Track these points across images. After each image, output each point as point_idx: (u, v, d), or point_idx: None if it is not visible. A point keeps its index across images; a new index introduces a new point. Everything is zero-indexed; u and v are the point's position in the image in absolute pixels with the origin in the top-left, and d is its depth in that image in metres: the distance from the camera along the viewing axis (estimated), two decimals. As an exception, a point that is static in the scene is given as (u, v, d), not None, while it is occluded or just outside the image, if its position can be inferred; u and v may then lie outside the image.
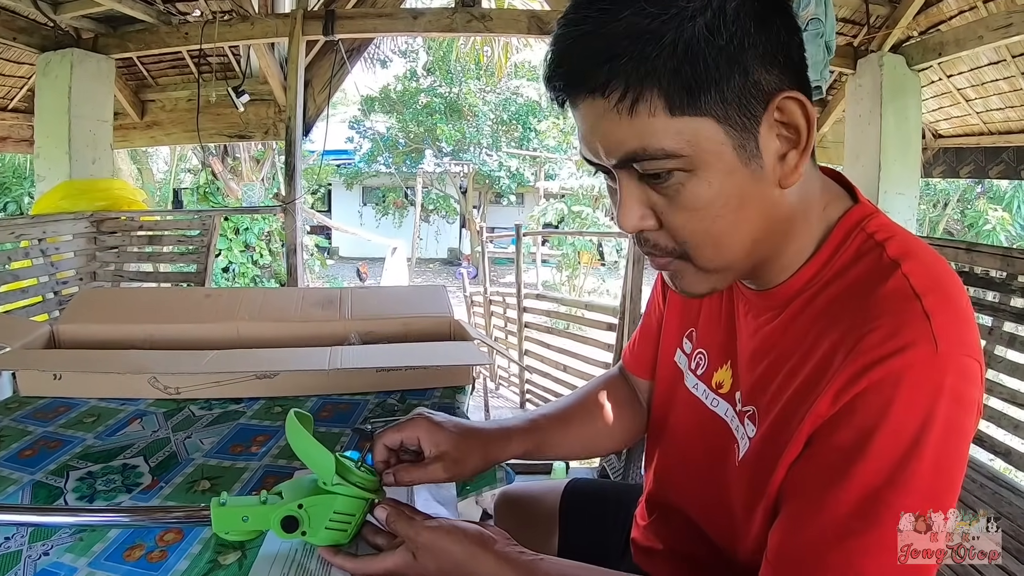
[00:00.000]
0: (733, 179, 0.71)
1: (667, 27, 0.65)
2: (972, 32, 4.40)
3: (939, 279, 0.70)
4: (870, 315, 0.69)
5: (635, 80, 0.66)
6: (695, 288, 0.81)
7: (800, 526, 0.71)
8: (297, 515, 0.84)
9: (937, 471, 0.65)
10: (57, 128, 4.92)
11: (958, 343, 0.65)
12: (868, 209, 0.80)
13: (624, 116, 0.68)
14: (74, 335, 1.74)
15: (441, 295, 1.96)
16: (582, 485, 1.43)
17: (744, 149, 0.70)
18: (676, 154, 0.69)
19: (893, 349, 0.65)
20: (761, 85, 0.68)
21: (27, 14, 4.75)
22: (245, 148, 10.81)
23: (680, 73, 0.65)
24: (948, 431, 0.65)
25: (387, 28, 5.24)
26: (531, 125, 20.89)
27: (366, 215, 23.45)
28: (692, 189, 0.71)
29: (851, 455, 0.67)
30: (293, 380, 1.53)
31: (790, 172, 0.73)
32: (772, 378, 0.80)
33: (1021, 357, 2.76)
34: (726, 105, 0.67)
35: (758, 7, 0.67)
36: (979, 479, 2.47)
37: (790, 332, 0.79)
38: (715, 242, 0.74)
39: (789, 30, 0.71)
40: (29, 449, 1.24)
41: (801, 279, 0.80)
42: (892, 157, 4.98)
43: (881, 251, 0.74)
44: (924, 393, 0.64)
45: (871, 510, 0.65)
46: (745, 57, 0.67)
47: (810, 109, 0.71)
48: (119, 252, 4.42)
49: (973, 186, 14.63)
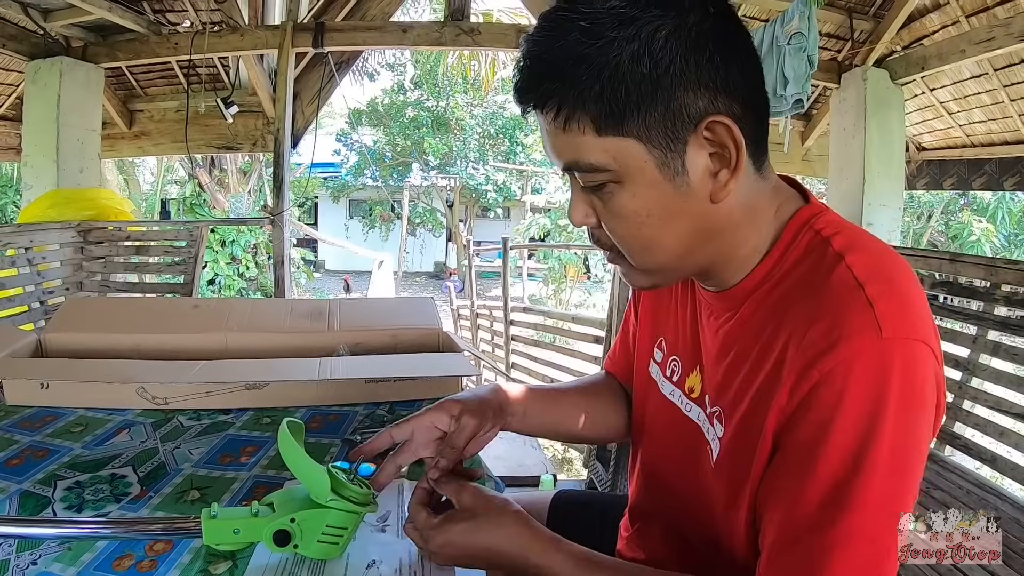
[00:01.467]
0: (656, 192, 0.76)
1: (598, 53, 0.71)
2: (955, 46, 4.46)
3: (882, 267, 0.73)
4: (815, 308, 0.72)
5: (567, 101, 0.74)
6: (637, 282, 0.89)
7: (781, 526, 0.72)
8: (289, 529, 0.84)
9: (896, 453, 0.67)
10: (45, 136, 4.89)
11: (904, 327, 0.68)
12: (817, 208, 0.83)
13: (559, 131, 0.76)
14: (61, 344, 1.73)
15: (429, 307, 1.96)
16: (569, 497, 1.43)
17: (668, 167, 0.75)
18: (603, 168, 0.76)
19: (837, 339, 0.68)
20: (687, 108, 0.73)
21: (17, 21, 4.74)
22: (232, 160, 10.81)
23: (604, 97, 0.72)
24: (903, 413, 0.67)
25: (376, 41, 5.26)
26: (518, 139, 20.99)
27: (353, 228, 23.38)
28: (620, 199, 0.78)
29: (813, 449, 0.69)
30: (282, 391, 1.52)
31: (720, 188, 0.77)
32: (734, 377, 0.83)
33: (1005, 365, 2.80)
34: (649, 128, 0.73)
35: (692, 36, 0.72)
36: (966, 486, 2.49)
37: (747, 329, 0.83)
38: (642, 247, 0.81)
39: (726, 56, 0.74)
40: (16, 458, 1.23)
41: (755, 278, 0.83)
42: (876, 170, 5.02)
43: (827, 246, 0.77)
44: (873, 379, 0.66)
45: (841, 499, 0.67)
46: (670, 83, 0.72)
47: (737, 133, 0.74)
48: (106, 262, 4.40)
49: (957, 198, 14.73)
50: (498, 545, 0.85)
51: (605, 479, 3.41)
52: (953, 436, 2.90)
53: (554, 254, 16.80)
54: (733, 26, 0.76)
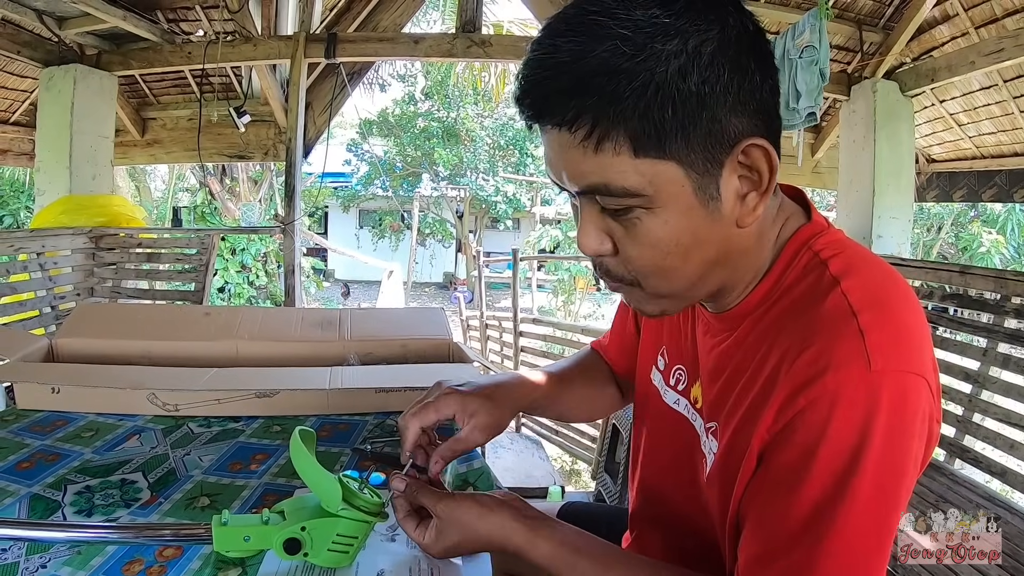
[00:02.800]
0: (690, 219, 0.72)
1: (641, 68, 0.65)
2: (964, 58, 4.46)
3: (878, 296, 0.71)
4: (807, 334, 0.70)
5: (603, 120, 0.67)
6: (646, 309, 0.84)
7: (756, 543, 0.72)
8: (300, 537, 0.84)
9: (879, 487, 0.66)
10: (58, 143, 4.94)
11: (895, 359, 0.66)
12: (819, 227, 0.81)
13: (589, 152, 0.69)
14: (72, 349, 1.74)
15: (440, 317, 1.96)
16: (576, 509, 1.43)
17: (704, 191, 0.71)
18: (637, 193, 0.70)
19: (824, 368, 0.66)
20: (728, 131, 0.69)
21: (32, 28, 4.79)
22: (243, 169, 10.85)
23: (648, 116, 0.66)
24: (888, 447, 0.65)
25: (388, 52, 5.29)
26: (528, 150, 21.00)
27: (362, 238, 23.42)
28: (649, 225, 0.72)
29: (798, 472, 0.68)
30: (292, 399, 1.52)
31: (748, 213, 0.74)
32: (728, 395, 0.82)
33: (1015, 378, 2.78)
34: (690, 150, 0.68)
35: (733, 53, 0.68)
36: (975, 499, 2.47)
37: (742, 350, 0.81)
38: (665, 275, 0.77)
39: (764, 74, 0.71)
40: (26, 461, 1.23)
41: (753, 299, 0.82)
42: (886, 182, 5.02)
43: (824, 269, 0.75)
44: (859, 411, 0.65)
45: (821, 523, 0.66)
46: (715, 102, 0.67)
47: (774, 157, 0.72)
48: (117, 268, 4.42)
49: (967, 210, 14.68)
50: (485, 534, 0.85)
51: (613, 491, 3.39)
52: (963, 449, 2.89)
53: (564, 266, 16.79)
54: (765, 41, 0.73)
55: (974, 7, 4.59)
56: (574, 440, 5.74)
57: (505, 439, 5.75)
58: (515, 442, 5.58)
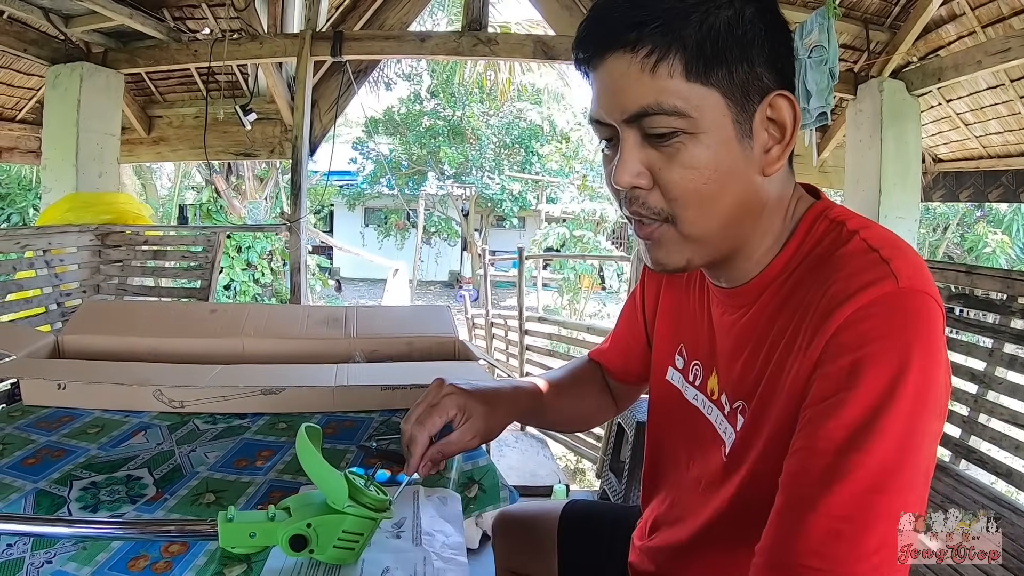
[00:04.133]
0: (727, 149, 0.79)
1: (695, 10, 0.76)
2: (971, 57, 4.44)
3: (894, 239, 0.77)
4: (831, 273, 0.76)
5: (663, 43, 0.76)
6: (671, 258, 0.86)
7: (798, 458, 0.72)
8: (306, 534, 0.84)
9: (919, 397, 0.68)
10: (65, 140, 4.94)
11: (918, 280, 0.71)
12: (829, 203, 0.88)
13: (646, 72, 0.77)
14: (78, 346, 1.74)
15: (445, 315, 1.96)
16: (580, 507, 1.43)
17: (740, 125, 0.80)
18: (685, 114, 0.78)
19: (857, 287, 0.71)
20: (762, 79, 0.80)
21: (39, 26, 4.80)
22: (249, 167, 10.86)
23: (702, 47, 0.76)
24: (926, 357, 0.68)
25: (395, 51, 5.29)
26: (533, 149, 21.01)
27: (368, 236, 23.43)
28: (691, 150, 0.79)
29: (842, 385, 0.70)
30: (298, 397, 1.52)
31: (772, 162, 0.82)
32: (751, 368, 0.85)
33: (1022, 378, 2.77)
34: (732, 84, 0.78)
35: (769, 19, 0.80)
36: (981, 500, 2.46)
37: (762, 321, 0.85)
38: (701, 203, 0.81)
39: (787, 46, 0.83)
40: (32, 457, 1.24)
41: (770, 273, 0.86)
42: (892, 181, 5.01)
43: (842, 226, 0.82)
44: (898, 318, 0.69)
45: (863, 435, 0.67)
46: (753, 52, 0.78)
47: (797, 109, 0.82)
48: (123, 266, 4.43)
49: (973, 210, 14.67)
50: None
51: (618, 490, 3.40)
52: (969, 450, 2.88)
53: (569, 264, 16.79)
54: (787, 25, 0.84)
55: (981, 6, 4.57)
56: (579, 439, 5.74)
57: (510, 438, 5.75)
58: (520, 441, 5.58)
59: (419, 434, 0.99)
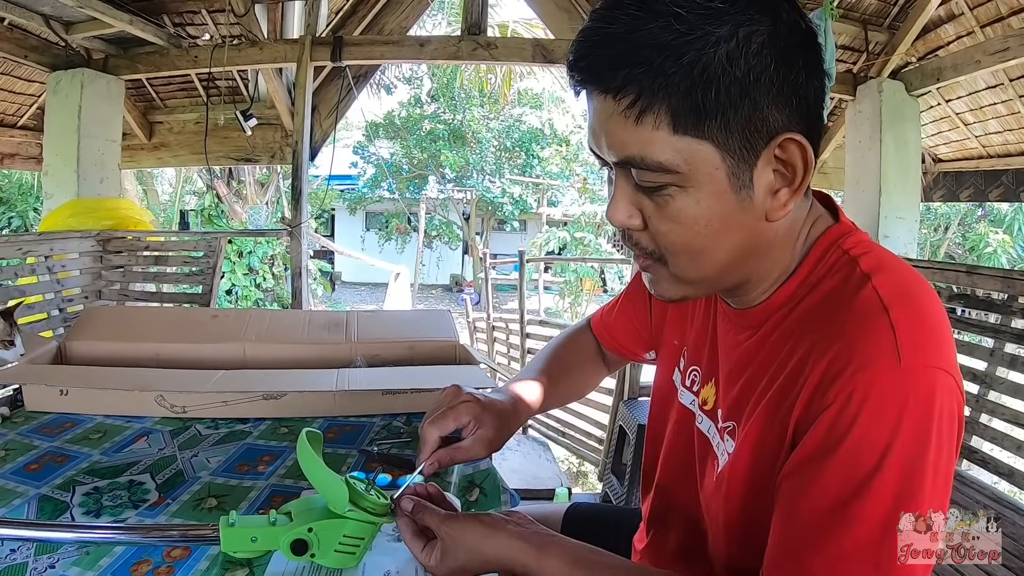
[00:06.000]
0: (720, 202, 0.73)
1: (690, 47, 0.67)
2: (970, 57, 4.43)
3: (909, 292, 0.71)
4: (839, 328, 0.70)
5: (647, 91, 0.69)
6: (668, 293, 0.84)
7: (780, 535, 0.71)
8: (307, 538, 0.84)
9: (905, 484, 0.65)
10: (66, 147, 4.94)
11: (924, 355, 0.66)
12: (847, 228, 0.82)
13: (630, 122, 0.71)
14: (81, 352, 1.75)
15: (446, 319, 1.97)
16: (582, 510, 1.43)
17: (737, 177, 0.72)
18: (671, 169, 0.72)
19: (857, 364, 0.67)
20: (768, 121, 0.71)
21: (39, 33, 4.79)
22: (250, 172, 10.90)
23: (691, 95, 0.68)
24: (916, 444, 0.65)
25: (394, 55, 5.28)
26: (534, 152, 21.03)
27: (369, 240, 23.42)
28: (680, 203, 0.74)
29: (824, 466, 0.67)
30: (300, 401, 1.53)
31: (778, 208, 0.75)
32: (750, 394, 0.82)
33: (1023, 378, 2.77)
34: (728, 134, 0.70)
35: (784, 45, 0.70)
36: (983, 500, 2.47)
37: (766, 348, 0.81)
38: (692, 255, 0.77)
39: (810, 70, 0.73)
40: (35, 463, 1.24)
41: (780, 298, 0.82)
42: (892, 182, 4.99)
43: (854, 265, 0.76)
44: (889, 407, 0.65)
45: (841, 518, 0.66)
46: (758, 92, 0.69)
47: (810, 154, 0.73)
48: (125, 271, 4.43)
49: (973, 209, 14.68)
50: (491, 555, 0.83)
51: (620, 492, 3.40)
52: (970, 450, 2.87)
53: (570, 267, 16.79)
54: (815, 42, 0.74)
55: (979, 6, 4.56)
56: (581, 442, 5.74)
57: (512, 441, 5.71)
58: (522, 444, 5.58)
59: (430, 433, 0.98)
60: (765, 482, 0.76)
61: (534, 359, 1.32)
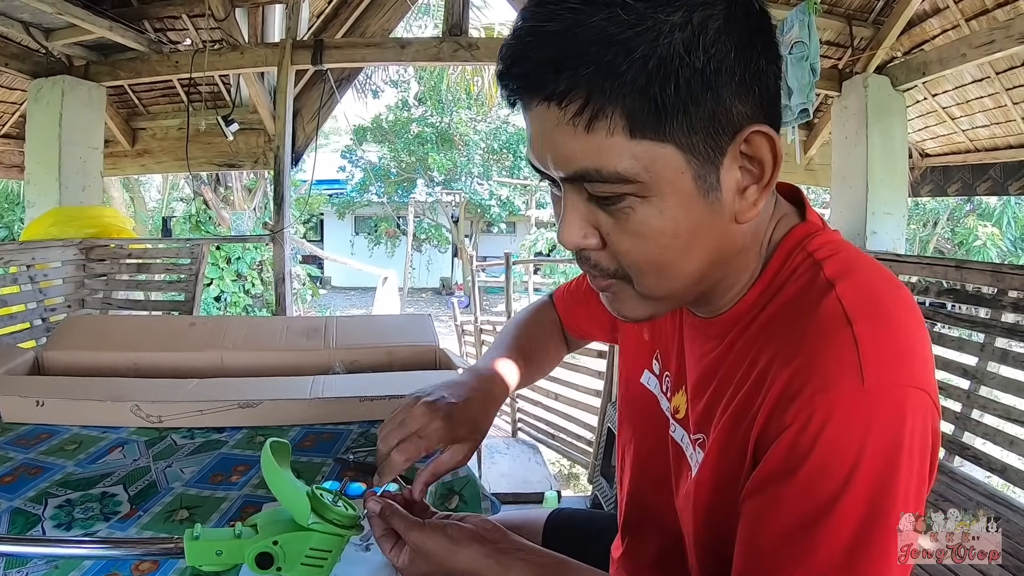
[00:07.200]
0: (687, 210, 0.66)
1: (641, 39, 0.59)
2: (955, 51, 4.46)
3: (876, 302, 0.66)
4: (798, 340, 0.65)
5: (597, 94, 0.61)
6: (633, 313, 0.77)
7: (741, 559, 0.68)
8: (272, 551, 0.82)
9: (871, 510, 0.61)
10: (48, 154, 4.93)
11: (891, 373, 0.61)
12: (813, 227, 0.76)
13: (580, 131, 0.63)
14: (59, 362, 1.73)
15: (426, 324, 1.95)
16: (564, 516, 1.40)
17: (704, 180, 0.66)
18: (631, 179, 0.64)
19: (816, 384, 0.61)
20: (732, 115, 0.64)
21: (19, 40, 4.78)
22: (237, 177, 10.87)
23: (648, 93, 0.60)
24: (882, 468, 0.61)
25: (375, 58, 5.28)
26: (521, 154, 21.02)
27: (358, 244, 23.46)
28: (642, 215, 0.66)
29: (781, 489, 0.63)
30: (276, 409, 1.51)
31: (748, 207, 0.69)
32: (716, 405, 0.77)
33: (1014, 373, 2.77)
34: (691, 133, 0.63)
35: (741, 30, 0.63)
36: (976, 496, 2.46)
37: (730, 358, 0.76)
38: (659, 271, 0.70)
39: (768, 58, 0.66)
40: (9, 475, 1.23)
41: (744, 305, 0.77)
42: (879, 178, 5.02)
43: (818, 271, 0.70)
44: (852, 431, 0.60)
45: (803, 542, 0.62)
46: (720, 83, 0.62)
47: (778, 145, 0.67)
48: (108, 280, 4.42)
49: (962, 204, 14.77)
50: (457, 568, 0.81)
51: (610, 495, 3.39)
52: (962, 446, 2.88)
53: (559, 268, 16.81)
54: (771, 25, 0.67)
55: (964, -1, 4.59)
56: (571, 444, 5.72)
57: (501, 444, 5.74)
58: (511, 447, 5.57)
59: (396, 460, 0.91)
60: (731, 497, 0.72)
61: (502, 334, 1.28)
